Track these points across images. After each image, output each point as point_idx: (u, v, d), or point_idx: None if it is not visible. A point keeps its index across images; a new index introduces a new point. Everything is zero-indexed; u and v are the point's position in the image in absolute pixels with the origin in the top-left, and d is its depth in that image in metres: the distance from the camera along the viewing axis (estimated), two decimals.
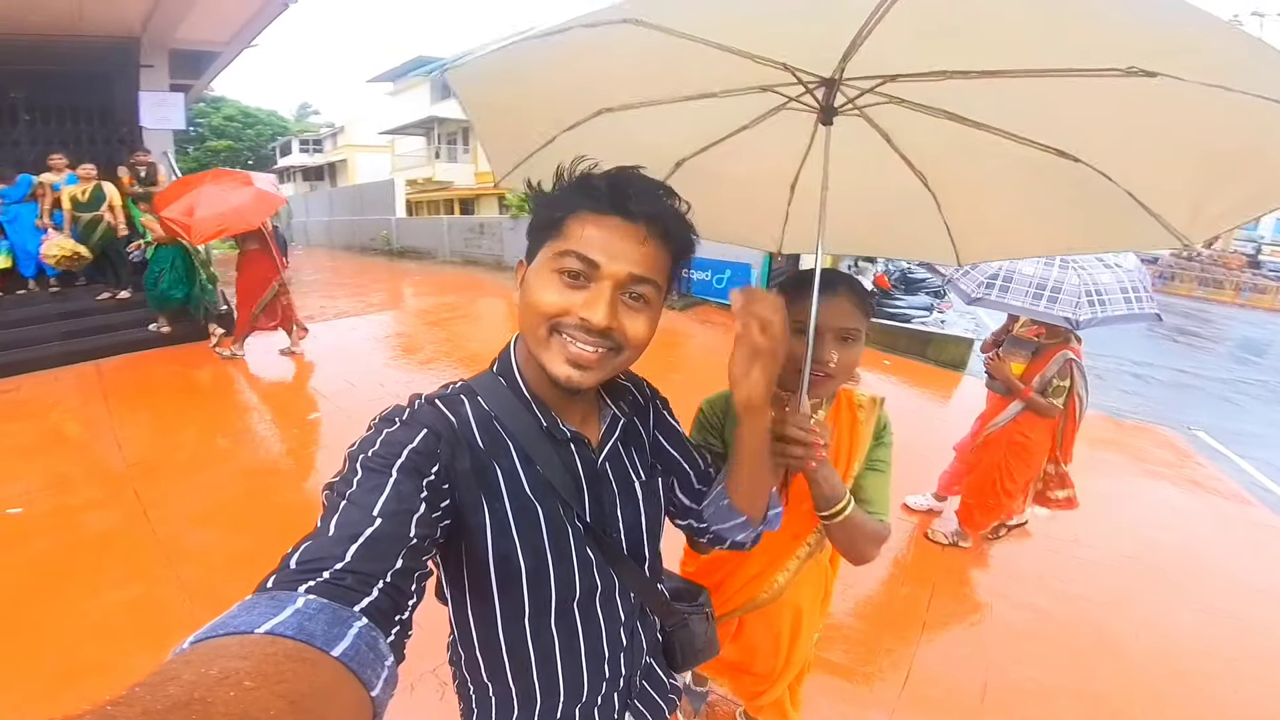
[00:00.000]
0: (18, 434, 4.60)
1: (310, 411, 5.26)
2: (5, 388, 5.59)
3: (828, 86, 1.13)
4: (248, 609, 0.47)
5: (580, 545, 0.87)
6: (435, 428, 0.76)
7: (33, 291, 7.11)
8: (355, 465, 0.69)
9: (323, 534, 0.60)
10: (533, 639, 0.86)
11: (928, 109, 1.15)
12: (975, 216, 1.46)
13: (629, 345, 0.82)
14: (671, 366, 6.44)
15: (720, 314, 9.00)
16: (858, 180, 1.38)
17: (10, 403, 5.31)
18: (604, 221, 0.78)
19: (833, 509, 1.17)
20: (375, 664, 0.49)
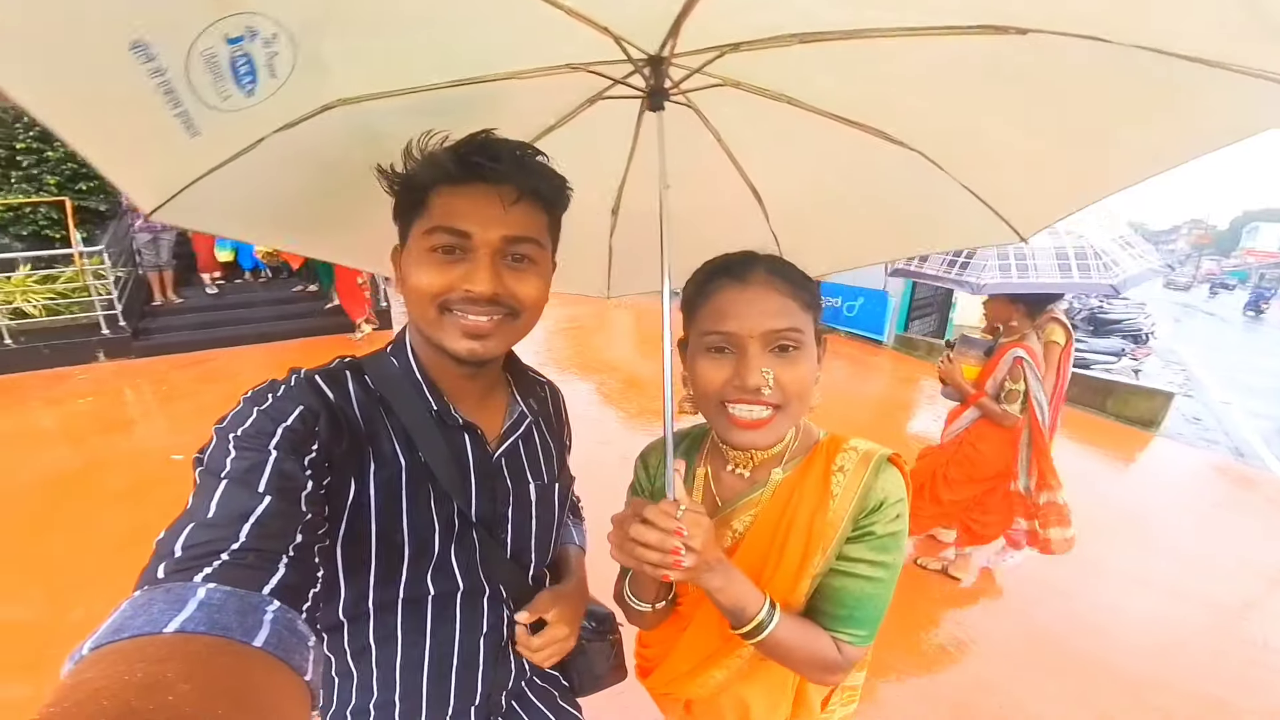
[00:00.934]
0: (203, 394, 5.85)
1: None
2: (205, 358, 7.24)
3: (654, 65, 0.94)
4: (143, 607, 0.44)
5: (450, 540, 0.83)
6: (311, 405, 0.72)
7: (248, 281, 9.08)
8: (227, 444, 0.64)
9: (203, 515, 0.56)
10: (375, 625, 0.82)
11: (767, 42, 0.91)
12: (992, 165, 1.14)
13: (523, 308, 0.81)
14: None
15: (850, 345, 8.53)
16: (816, 167, 1.20)
17: (207, 369, 6.92)
18: (466, 190, 0.77)
19: (740, 626, 0.84)
20: (299, 647, 0.48)
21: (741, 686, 1.02)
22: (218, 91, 0.76)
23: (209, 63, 0.72)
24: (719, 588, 0.82)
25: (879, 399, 6.46)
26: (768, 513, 0.93)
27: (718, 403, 0.85)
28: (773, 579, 0.91)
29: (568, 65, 0.96)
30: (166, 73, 0.71)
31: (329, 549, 0.72)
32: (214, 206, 0.97)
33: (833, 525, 0.88)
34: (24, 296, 7.41)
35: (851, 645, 0.87)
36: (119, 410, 5.96)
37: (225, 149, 0.88)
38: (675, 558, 0.75)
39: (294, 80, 0.81)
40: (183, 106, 0.75)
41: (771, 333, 0.81)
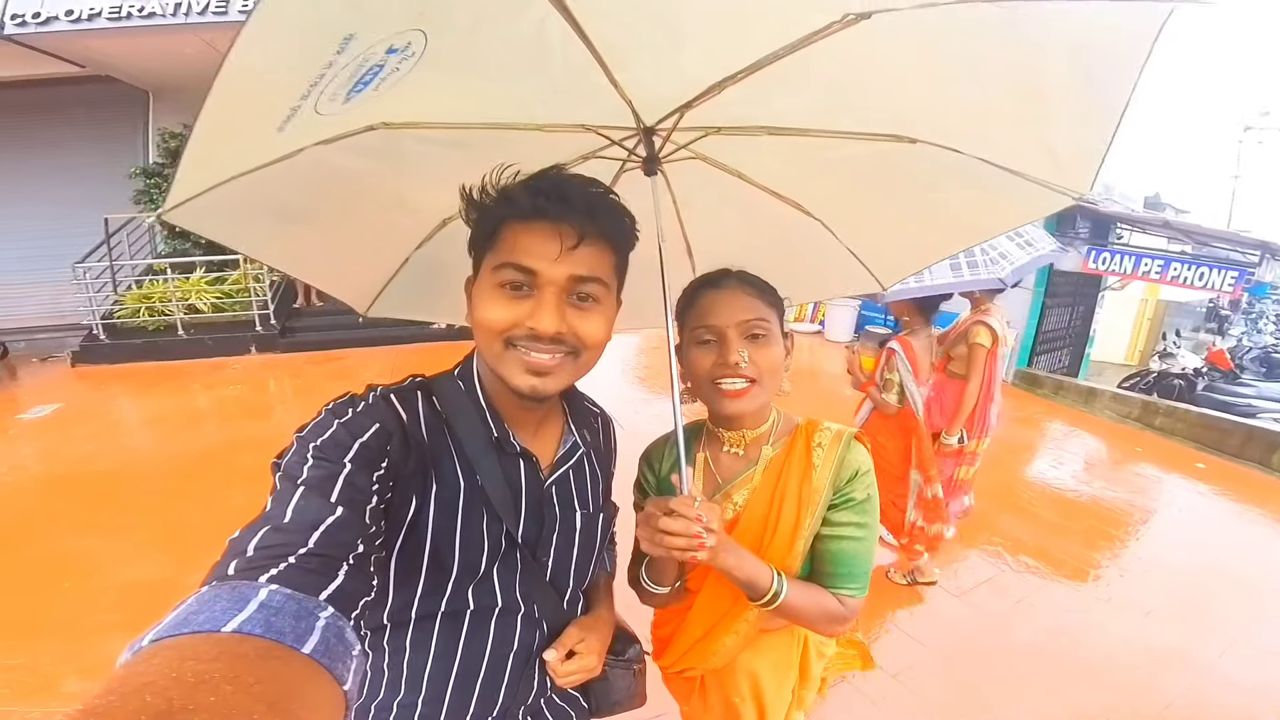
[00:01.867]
0: (330, 388, 6.07)
1: None
2: (336, 356, 8.14)
3: (644, 136, 1.13)
4: (208, 603, 0.46)
5: (497, 560, 0.85)
6: (387, 424, 0.75)
7: None
8: (306, 452, 0.68)
9: (279, 519, 0.59)
10: (413, 632, 0.84)
11: (745, 129, 1.15)
12: (872, 232, 1.47)
13: (585, 347, 0.82)
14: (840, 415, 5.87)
15: None
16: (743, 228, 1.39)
17: (337, 366, 7.75)
18: (534, 228, 0.78)
19: (757, 598, 1.01)
20: (344, 656, 0.50)
21: (751, 659, 1.19)
22: (334, 94, 0.77)
23: (360, 64, 0.74)
24: (733, 565, 0.97)
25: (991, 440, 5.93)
26: (763, 485, 1.12)
27: (709, 382, 1.06)
28: (772, 541, 1.08)
29: (582, 125, 1.12)
30: (332, 66, 0.71)
31: (384, 560, 0.76)
32: (226, 211, 0.99)
33: (817, 491, 1.07)
34: (197, 295, 8.56)
35: (851, 597, 1.06)
36: (260, 398, 6.74)
37: (275, 152, 0.90)
38: (699, 541, 0.88)
39: (378, 96, 0.84)
40: (304, 101, 0.75)
41: (744, 323, 1.04)
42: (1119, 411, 6.67)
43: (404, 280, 1.41)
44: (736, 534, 1.09)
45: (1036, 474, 5.05)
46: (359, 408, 0.76)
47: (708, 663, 1.18)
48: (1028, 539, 3.82)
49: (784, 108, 1.08)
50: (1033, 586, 3.33)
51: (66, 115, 7.77)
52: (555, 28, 0.83)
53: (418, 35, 0.76)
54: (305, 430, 0.72)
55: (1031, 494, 4.56)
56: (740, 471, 1.14)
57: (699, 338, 1.07)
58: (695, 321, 1.07)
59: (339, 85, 0.76)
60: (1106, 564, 3.61)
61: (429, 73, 0.85)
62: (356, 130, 0.95)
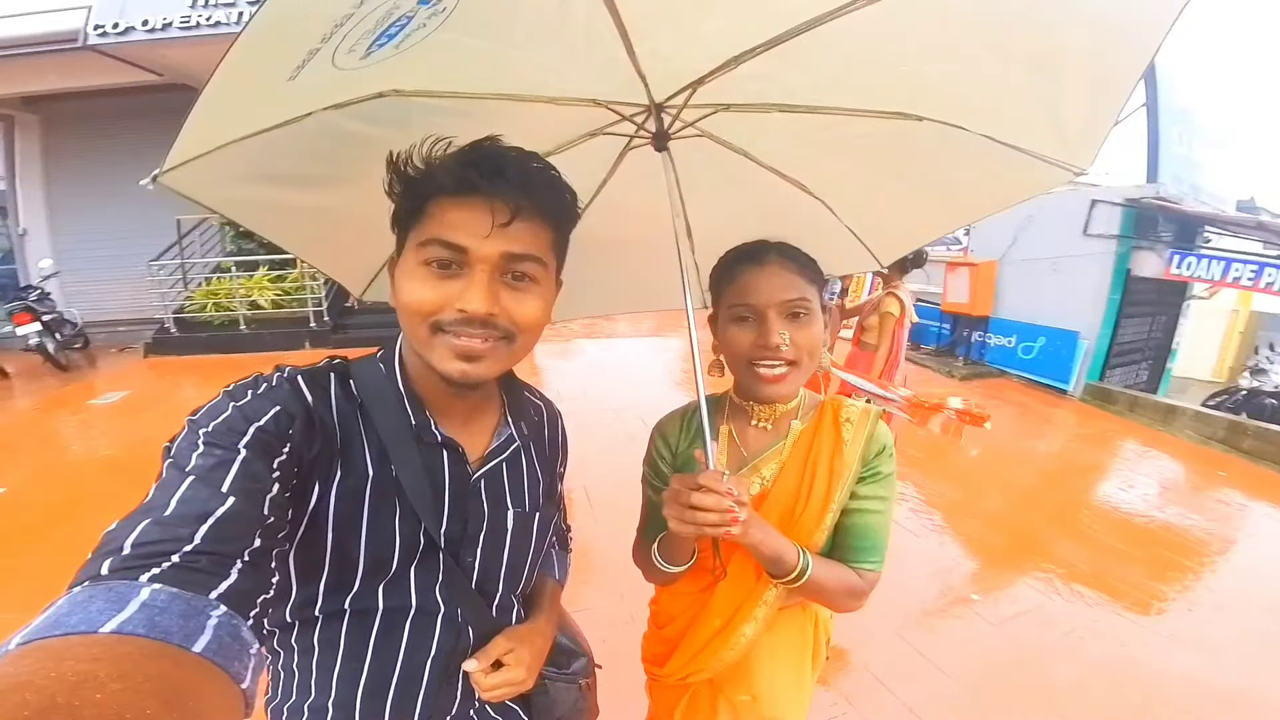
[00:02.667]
0: None
1: None
2: None
3: (654, 112, 1.11)
4: (82, 604, 0.43)
5: (411, 559, 0.80)
6: (289, 407, 0.70)
7: None
8: (197, 437, 0.63)
9: (161, 511, 0.54)
10: (320, 630, 0.79)
11: (755, 106, 1.14)
12: (873, 211, 1.46)
13: (520, 330, 0.77)
14: (933, 447, 5.51)
15: (1022, 391, 7.40)
16: (744, 208, 1.34)
17: None
18: (466, 202, 0.73)
19: (783, 575, 1.00)
20: (240, 654, 0.47)
21: (769, 640, 1.13)
22: (354, 45, 0.72)
23: (388, 12, 0.69)
24: (760, 540, 0.95)
25: (1052, 459, 5.51)
26: (794, 457, 1.10)
27: (746, 363, 1.04)
28: (803, 514, 1.07)
29: (593, 100, 1.09)
30: (360, 7, 0.66)
31: (286, 553, 0.71)
32: (224, 175, 0.94)
33: (848, 464, 1.06)
34: (259, 292, 8.98)
35: (871, 570, 1.07)
36: None
37: (282, 113, 0.86)
38: (732, 514, 0.86)
39: (398, 57, 0.79)
40: (323, 45, 0.70)
41: (785, 303, 1.01)
42: (1202, 432, 6.08)
43: None
44: (765, 508, 1.07)
45: (1102, 496, 4.63)
46: (259, 389, 0.71)
47: (722, 659, 1.12)
48: (1084, 566, 3.48)
49: (796, 84, 1.06)
50: (1085, 618, 3.01)
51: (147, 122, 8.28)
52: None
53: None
54: (198, 414, 0.66)
55: (1094, 517, 4.17)
56: (769, 445, 1.12)
57: (737, 315, 1.04)
58: (734, 298, 1.04)
59: (360, 34, 0.71)
60: (1174, 597, 3.25)
61: (453, 34, 0.80)
62: (367, 96, 0.90)
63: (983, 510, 4.17)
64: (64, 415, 6.13)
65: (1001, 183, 1.26)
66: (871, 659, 2.63)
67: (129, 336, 9.23)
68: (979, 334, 8.20)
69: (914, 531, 3.81)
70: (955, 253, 8.94)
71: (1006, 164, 1.13)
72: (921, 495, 4.32)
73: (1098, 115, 1.02)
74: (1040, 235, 7.67)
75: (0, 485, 4.33)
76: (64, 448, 5.30)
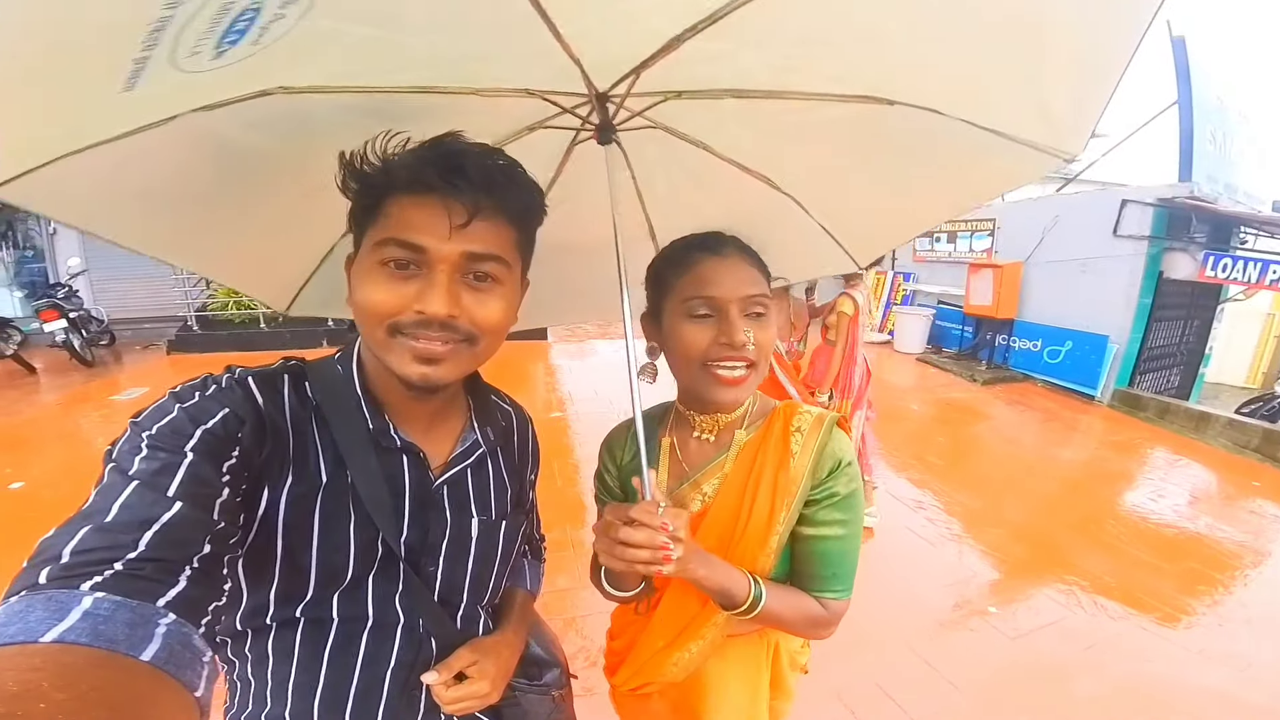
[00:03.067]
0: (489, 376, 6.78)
1: (553, 410, 6.06)
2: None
3: (602, 101, 1.01)
4: (19, 614, 0.41)
5: (368, 568, 0.76)
6: (238, 410, 0.68)
7: None
8: (140, 440, 0.60)
9: (102, 516, 0.52)
10: (273, 639, 0.76)
11: (707, 92, 1.04)
12: (846, 207, 1.37)
13: (482, 333, 0.75)
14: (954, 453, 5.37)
15: (1045, 396, 7.20)
16: (709, 206, 1.26)
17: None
18: (424, 200, 0.70)
19: (732, 607, 0.92)
20: (193, 663, 0.46)
21: (716, 669, 1.05)
22: (194, 45, 0.63)
23: (223, 8, 0.60)
24: (705, 575, 0.88)
25: (1078, 467, 5.32)
26: (736, 472, 1.01)
27: (701, 364, 0.93)
28: (744, 535, 0.98)
29: (524, 90, 0.99)
30: (178, 7, 0.57)
31: (237, 559, 0.68)
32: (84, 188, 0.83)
33: (794, 481, 0.96)
34: None
35: (834, 599, 0.97)
36: None
37: (136, 118, 0.74)
38: (665, 553, 0.79)
39: (266, 53, 0.69)
40: (150, 52, 0.61)
41: (748, 298, 0.92)
42: (1236, 440, 5.84)
43: (329, 273, 1.26)
44: (705, 526, 1.01)
45: (1130, 506, 4.46)
46: (208, 391, 0.68)
47: (667, 675, 1.05)
48: (1109, 578, 3.34)
49: (750, 66, 0.96)
50: (1108, 632, 2.88)
51: None
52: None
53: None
54: (141, 416, 0.63)
55: (1121, 528, 4.01)
56: (711, 459, 1.04)
57: (693, 310, 0.93)
58: (690, 291, 0.93)
59: (199, 33, 0.61)
60: (1203, 611, 3.10)
61: (328, 22, 0.70)
62: (248, 95, 0.79)
63: (1004, 520, 4.03)
64: (87, 410, 6.24)
65: (985, 171, 1.16)
66: (878, 670, 2.53)
67: (153, 333, 9.41)
68: (1003, 337, 8.00)
69: (930, 541, 3.69)
70: (980, 254, 8.73)
71: (988, 151, 1.04)
72: (940, 504, 4.20)
73: (1086, 98, 0.93)
74: (1068, 236, 7.47)
75: (19, 479, 4.40)
76: (86, 442, 5.37)
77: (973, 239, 8.96)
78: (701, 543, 0.98)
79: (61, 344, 7.52)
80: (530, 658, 1.01)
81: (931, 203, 1.35)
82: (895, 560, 3.41)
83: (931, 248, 9.74)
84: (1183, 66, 6.61)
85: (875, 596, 2.99)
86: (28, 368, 7.56)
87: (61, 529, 0.51)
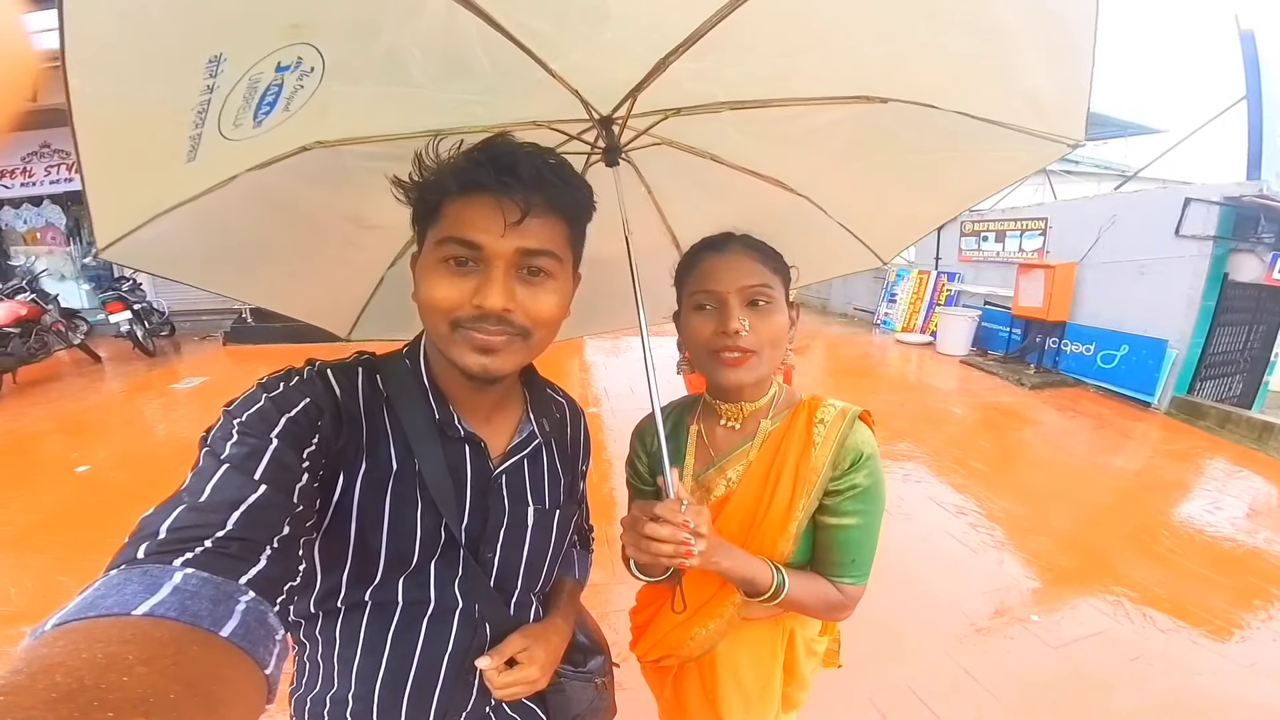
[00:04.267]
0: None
1: (589, 406, 6.10)
2: None
3: (607, 125, 1.08)
4: (117, 587, 0.44)
5: (432, 553, 0.81)
6: (318, 400, 0.73)
7: None
8: (231, 426, 0.65)
9: (196, 497, 0.57)
10: (341, 622, 0.81)
11: (704, 107, 1.10)
12: (862, 204, 1.40)
13: (536, 326, 0.78)
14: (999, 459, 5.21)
15: (1098, 402, 6.90)
16: (728, 213, 1.24)
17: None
18: (477, 200, 0.74)
19: (757, 595, 0.98)
20: (266, 640, 0.49)
21: (731, 649, 1.11)
22: (236, 118, 0.76)
23: (251, 86, 0.73)
24: (729, 566, 0.94)
25: (1131, 475, 5.10)
26: (759, 460, 1.06)
27: (708, 351, 1.00)
28: (764, 520, 1.03)
29: (532, 122, 1.08)
30: (214, 91, 0.70)
31: (313, 542, 0.73)
32: (167, 244, 0.96)
33: (815, 470, 1.01)
34: None
35: (850, 584, 1.02)
36: None
37: (203, 181, 0.88)
38: (687, 548, 0.85)
39: (298, 117, 0.83)
40: (200, 129, 0.74)
41: (746, 288, 0.98)
42: None
43: (383, 300, 1.39)
44: (727, 511, 1.06)
45: (1185, 517, 4.25)
46: (291, 382, 0.73)
47: (685, 649, 1.11)
48: (1160, 590, 3.21)
49: (737, 78, 1.03)
50: (1156, 643, 2.77)
51: None
52: (466, 22, 0.79)
53: (307, 49, 0.73)
54: (233, 405, 0.69)
55: (1175, 539, 3.84)
56: (736, 446, 1.09)
57: (697, 303, 1.02)
58: (694, 286, 1.02)
59: (236, 109, 0.74)
60: (1258, 625, 2.95)
61: (342, 86, 0.82)
62: (290, 152, 0.93)
63: (1050, 527, 3.90)
64: (148, 398, 6.57)
65: (993, 161, 1.20)
66: (913, 675, 2.49)
67: (210, 325, 9.83)
68: (1053, 340, 7.71)
69: (971, 547, 3.59)
70: (1030, 254, 8.44)
71: (992, 141, 1.09)
72: (982, 510, 4.09)
73: (1068, 82, 0.96)
74: (1126, 236, 7.15)
75: (85, 463, 4.66)
76: (146, 428, 5.66)
77: (1023, 238, 8.66)
78: (724, 526, 1.05)
79: (125, 334, 7.93)
80: (575, 645, 1.05)
81: (946, 195, 1.39)
82: (934, 565, 3.35)
83: (978, 247, 9.44)
84: (1251, 61, 6.28)
85: (911, 600, 2.95)
86: (93, 356, 7.99)
87: (160, 507, 0.55)
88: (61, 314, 7.57)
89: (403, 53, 0.83)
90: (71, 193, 10.27)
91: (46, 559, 3.30)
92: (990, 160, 1.19)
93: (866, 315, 11.82)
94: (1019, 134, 1.06)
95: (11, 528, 3.67)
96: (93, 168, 0.73)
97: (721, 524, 1.05)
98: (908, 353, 9.34)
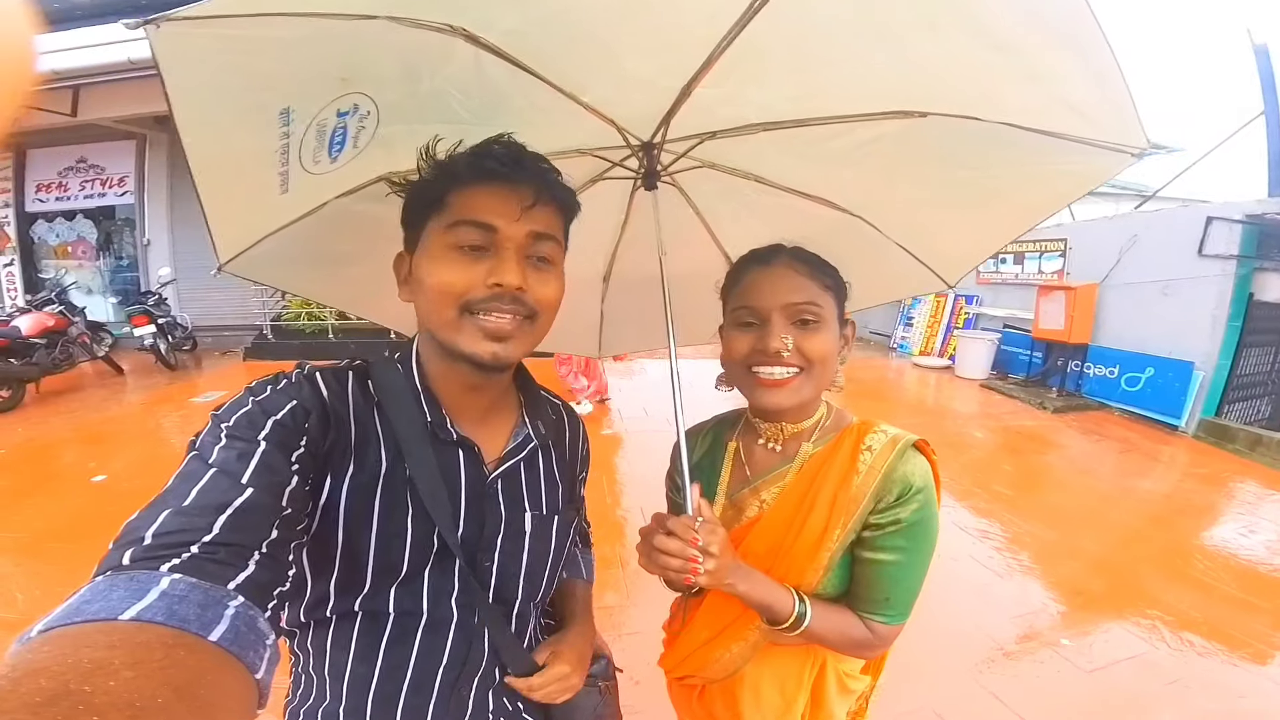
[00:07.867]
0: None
1: (605, 428, 6.08)
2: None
3: (646, 150, 1.13)
4: (103, 592, 0.44)
5: (424, 562, 0.79)
6: (305, 402, 0.72)
7: None
8: (219, 430, 0.65)
9: (180, 501, 0.56)
10: (332, 632, 0.80)
11: (738, 129, 1.12)
12: (919, 223, 1.36)
13: (542, 309, 0.81)
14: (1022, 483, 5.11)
15: (1123, 425, 6.76)
16: (780, 233, 1.21)
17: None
18: (490, 188, 0.77)
19: (776, 623, 0.93)
20: (256, 645, 0.48)
21: (756, 672, 1.05)
22: (314, 156, 0.89)
23: (319, 131, 0.86)
24: (745, 590, 0.90)
25: (1160, 499, 4.96)
26: (796, 484, 1.00)
27: (745, 369, 0.96)
28: (793, 547, 0.97)
29: (578, 150, 1.14)
30: (289, 137, 0.85)
31: (302, 546, 0.72)
32: (274, 259, 1.13)
33: (855, 500, 0.93)
34: None
35: (885, 624, 0.94)
36: None
37: (299, 208, 1.04)
38: (694, 565, 0.83)
39: (365, 153, 0.95)
40: (286, 167, 0.88)
41: (791, 306, 0.93)
42: None
43: None
44: (756, 533, 1.01)
45: (1219, 541, 4.12)
46: (279, 385, 0.74)
47: (709, 671, 1.06)
48: (1196, 614, 3.09)
49: (765, 99, 1.04)
50: (1195, 668, 2.66)
51: None
52: (492, 65, 0.87)
53: (360, 97, 0.86)
54: (221, 409, 0.69)
55: (1210, 563, 3.71)
56: (774, 467, 1.04)
57: (739, 319, 0.98)
58: (738, 301, 0.99)
59: (313, 149, 0.89)
60: None
61: (399, 125, 0.93)
62: (369, 181, 1.05)
63: (1079, 551, 3.80)
64: (168, 411, 6.63)
65: (1051, 174, 1.13)
66: (939, 699, 2.40)
67: (231, 340, 9.95)
68: (1075, 363, 7.59)
69: (996, 571, 3.50)
70: (1050, 276, 8.36)
71: (1045, 154, 1.04)
72: (1007, 534, 3.98)
73: (1107, 86, 0.90)
74: (1148, 256, 7.06)
75: (102, 473, 4.69)
76: (164, 440, 5.70)
77: (1041, 260, 8.59)
78: (750, 549, 1.00)
79: (149, 347, 8.04)
80: None
81: (1007, 212, 1.31)
82: (958, 589, 3.25)
83: (997, 269, 9.36)
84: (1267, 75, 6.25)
85: (935, 625, 2.85)
86: (116, 369, 8.10)
87: (144, 512, 0.54)
88: (88, 326, 7.70)
89: (444, 96, 0.93)
90: (104, 208, 10.55)
91: (57, 567, 3.30)
92: (1049, 174, 1.14)
93: (883, 339, 11.72)
94: (1075, 145, 1.01)
95: (25, 534, 3.68)
96: (209, 201, 0.91)
97: (748, 547, 1.00)
98: (926, 376, 9.22)
